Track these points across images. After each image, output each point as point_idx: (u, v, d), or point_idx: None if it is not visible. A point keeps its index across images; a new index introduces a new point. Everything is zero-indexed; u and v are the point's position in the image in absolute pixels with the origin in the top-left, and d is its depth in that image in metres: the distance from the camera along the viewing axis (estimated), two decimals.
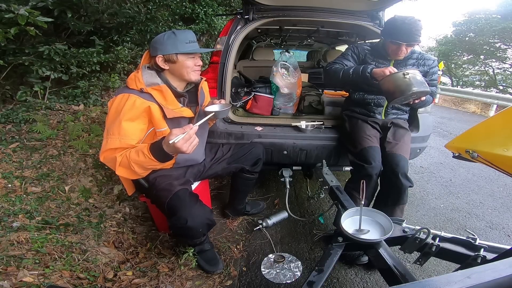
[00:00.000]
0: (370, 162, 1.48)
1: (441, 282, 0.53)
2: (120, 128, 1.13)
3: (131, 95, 1.14)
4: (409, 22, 1.47)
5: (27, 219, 1.52)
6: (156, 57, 1.19)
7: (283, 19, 2.08)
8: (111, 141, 1.13)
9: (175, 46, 1.18)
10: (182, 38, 1.19)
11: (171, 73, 1.24)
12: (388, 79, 1.41)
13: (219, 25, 5.26)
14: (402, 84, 1.36)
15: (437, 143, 3.98)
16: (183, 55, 1.20)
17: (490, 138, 1.04)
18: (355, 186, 1.50)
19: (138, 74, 1.19)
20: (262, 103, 2.18)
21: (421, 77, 1.40)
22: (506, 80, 13.65)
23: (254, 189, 2.32)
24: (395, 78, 1.38)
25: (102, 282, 1.28)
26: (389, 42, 1.56)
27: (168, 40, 1.18)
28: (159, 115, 1.19)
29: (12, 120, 2.29)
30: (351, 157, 1.64)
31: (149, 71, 1.22)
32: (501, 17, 12.07)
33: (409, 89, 1.35)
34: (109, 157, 1.16)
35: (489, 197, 2.45)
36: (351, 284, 1.43)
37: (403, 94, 1.37)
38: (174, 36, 1.18)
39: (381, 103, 1.72)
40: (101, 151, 1.17)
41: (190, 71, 1.24)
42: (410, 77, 1.35)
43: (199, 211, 1.25)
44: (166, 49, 1.18)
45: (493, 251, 1.01)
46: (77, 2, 2.66)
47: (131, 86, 1.18)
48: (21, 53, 2.35)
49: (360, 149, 1.57)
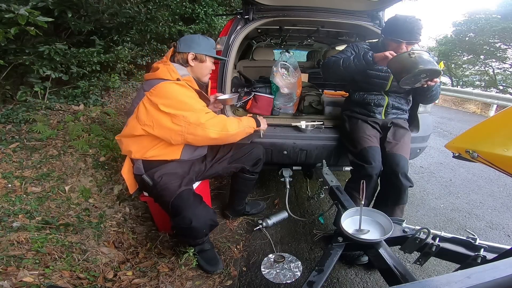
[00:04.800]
0: (370, 162, 1.48)
1: (441, 282, 0.53)
2: (193, 97, 1.27)
3: (173, 81, 1.23)
4: (410, 21, 1.48)
5: (27, 219, 1.52)
6: (188, 53, 1.30)
7: (283, 19, 2.08)
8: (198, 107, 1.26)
9: (207, 48, 1.33)
10: (212, 44, 1.37)
11: (192, 70, 1.35)
12: (395, 59, 1.44)
13: (219, 25, 5.26)
14: (408, 63, 1.37)
15: (437, 143, 3.98)
16: (210, 58, 1.37)
17: (490, 138, 1.04)
18: (355, 186, 1.49)
19: (170, 67, 1.27)
20: (262, 103, 2.17)
21: (428, 56, 1.40)
22: (506, 80, 13.64)
23: (254, 189, 2.32)
24: (402, 58, 1.41)
25: (102, 282, 1.28)
26: (389, 40, 1.57)
27: (203, 42, 1.33)
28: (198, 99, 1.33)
29: (12, 120, 2.29)
30: (351, 157, 1.64)
31: (177, 64, 1.31)
32: (501, 17, 12.06)
33: (415, 67, 1.35)
34: (213, 120, 1.27)
35: (489, 197, 2.45)
36: (351, 284, 1.43)
37: (409, 72, 1.37)
38: (207, 40, 1.34)
39: (381, 103, 1.71)
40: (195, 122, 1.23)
41: (207, 73, 1.39)
42: (416, 55, 1.37)
43: (203, 211, 1.27)
44: (200, 49, 1.31)
45: (493, 251, 1.01)
46: (77, 2, 2.66)
47: (165, 77, 1.24)
48: (22, 53, 2.34)
49: (360, 149, 1.57)
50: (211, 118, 1.27)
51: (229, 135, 1.33)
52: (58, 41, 2.60)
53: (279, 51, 4.27)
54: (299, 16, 2.08)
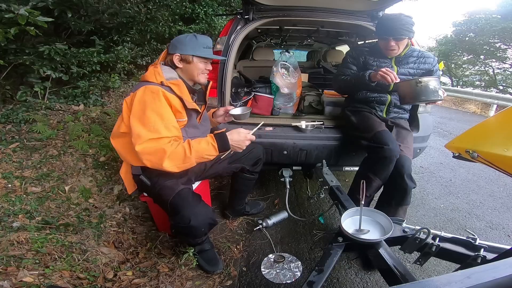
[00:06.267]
0: (387, 144, 1.47)
1: (441, 282, 0.52)
2: (161, 113, 1.15)
3: (155, 86, 1.18)
4: (393, 18, 1.53)
5: (27, 219, 1.52)
6: (174, 55, 1.26)
7: (283, 19, 2.08)
8: (156, 128, 1.12)
9: (194, 48, 1.26)
10: (202, 43, 1.28)
11: (183, 72, 1.31)
12: (402, 84, 1.51)
13: (219, 25, 5.26)
14: (413, 91, 1.46)
15: (437, 143, 3.98)
16: (198, 57, 1.28)
17: (490, 138, 1.04)
18: (372, 167, 1.51)
19: (157, 69, 1.24)
20: (262, 103, 2.18)
21: (435, 85, 1.43)
22: (506, 80, 13.63)
23: (254, 189, 2.32)
24: (409, 84, 1.48)
25: (102, 282, 1.28)
26: (379, 39, 1.62)
27: (189, 41, 1.26)
28: (180, 106, 1.24)
29: (12, 120, 2.29)
30: (366, 142, 1.60)
31: (166, 67, 1.28)
32: (501, 17, 12.05)
33: (418, 97, 1.45)
34: (153, 148, 1.11)
35: (489, 197, 2.45)
36: (351, 284, 1.43)
37: (413, 101, 1.51)
38: (195, 39, 1.27)
39: (383, 101, 1.72)
40: (140, 141, 1.11)
41: (200, 73, 1.32)
42: (423, 86, 1.42)
43: (202, 210, 1.27)
44: (185, 49, 1.26)
45: (493, 251, 1.01)
46: (77, 2, 2.66)
47: (150, 79, 1.22)
48: (22, 53, 2.35)
49: (374, 133, 1.56)
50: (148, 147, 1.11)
51: (165, 169, 1.14)
52: (58, 41, 2.60)
53: (279, 51, 4.27)
54: (299, 16, 2.08)
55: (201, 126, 1.43)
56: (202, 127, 1.43)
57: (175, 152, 1.13)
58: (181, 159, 1.15)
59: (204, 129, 1.46)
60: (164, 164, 1.12)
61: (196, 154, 1.17)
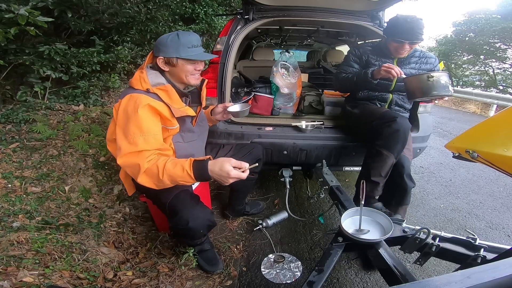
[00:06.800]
0: (396, 117, 1.46)
1: (441, 282, 0.52)
2: (140, 125, 1.08)
3: (139, 95, 1.11)
4: (411, 21, 1.49)
5: (27, 219, 1.52)
6: (158, 58, 1.18)
7: (283, 19, 2.08)
8: (134, 141, 1.07)
9: (176, 49, 1.15)
10: (185, 42, 1.16)
11: (171, 75, 1.23)
12: (411, 79, 1.46)
13: (219, 25, 5.26)
14: (424, 86, 1.41)
15: (437, 143, 3.98)
16: (183, 59, 1.17)
17: (490, 138, 1.04)
18: (385, 143, 1.45)
19: (143, 75, 1.17)
20: (262, 103, 2.18)
21: (446, 80, 1.41)
22: (506, 80, 13.62)
23: (254, 189, 2.32)
24: (420, 80, 1.43)
25: (102, 282, 1.28)
26: (392, 40, 1.57)
27: (171, 42, 1.15)
28: (169, 114, 1.18)
29: (12, 120, 2.29)
30: (375, 123, 1.54)
31: (153, 71, 1.21)
32: (501, 17, 12.05)
33: (429, 92, 1.40)
34: (131, 161, 1.07)
35: (489, 197, 2.45)
36: (351, 284, 1.43)
37: (423, 96, 1.44)
38: (177, 39, 1.15)
39: (385, 99, 1.72)
40: (120, 154, 1.08)
41: (189, 75, 1.22)
42: (434, 80, 1.39)
43: (200, 212, 1.26)
44: (168, 52, 1.16)
45: (493, 251, 1.01)
46: (77, 2, 2.66)
47: (136, 86, 1.15)
48: (22, 53, 2.35)
49: (380, 113, 1.56)
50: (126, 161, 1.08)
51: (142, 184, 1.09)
52: (58, 41, 2.61)
53: (279, 51, 4.27)
54: (299, 16, 2.08)
55: (197, 128, 1.39)
56: (198, 130, 1.40)
57: (150, 170, 1.06)
58: (155, 178, 1.07)
59: (201, 131, 1.44)
60: (139, 179, 1.07)
61: (170, 178, 1.06)
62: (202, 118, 1.47)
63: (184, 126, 1.28)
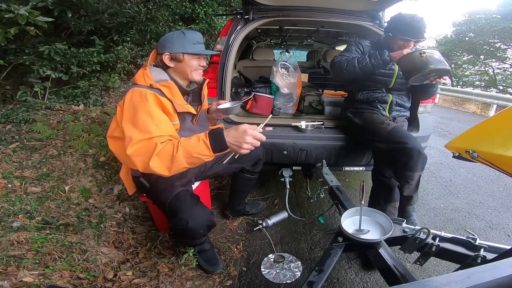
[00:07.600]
0: (408, 139, 1.45)
1: (441, 282, 0.52)
2: (150, 111, 1.08)
3: (143, 89, 1.13)
4: (418, 20, 1.51)
5: (27, 219, 1.52)
6: (163, 54, 1.21)
7: (283, 19, 2.08)
8: (146, 128, 1.05)
9: (182, 45, 1.20)
10: (190, 39, 1.21)
11: (176, 71, 1.26)
12: (405, 58, 1.44)
13: (219, 25, 5.26)
14: (419, 62, 1.38)
15: (437, 143, 3.98)
16: (189, 55, 1.22)
17: (490, 138, 1.03)
18: (397, 171, 1.47)
19: (146, 71, 1.19)
20: (262, 103, 2.18)
21: (439, 55, 1.40)
22: (506, 80, 13.63)
23: (254, 189, 2.32)
24: (413, 57, 1.41)
25: (102, 282, 1.28)
26: (397, 38, 1.57)
27: (177, 39, 1.20)
28: (171, 108, 1.20)
29: (12, 120, 2.29)
30: (383, 145, 1.54)
31: (156, 68, 1.23)
32: (501, 17, 12.06)
33: (426, 67, 1.37)
34: (143, 148, 1.04)
35: (489, 197, 2.45)
36: (351, 284, 1.43)
37: (420, 72, 1.40)
38: (183, 36, 1.20)
39: (385, 100, 1.72)
40: (131, 143, 1.05)
41: (194, 70, 1.26)
42: (428, 55, 1.37)
43: (200, 212, 1.26)
44: (174, 48, 1.20)
45: (493, 251, 1.01)
46: (77, 2, 2.66)
47: (139, 82, 1.17)
48: (22, 53, 2.35)
49: (388, 132, 1.52)
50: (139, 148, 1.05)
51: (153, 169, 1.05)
52: (58, 41, 2.61)
53: (279, 51, 4.27)
54: (299, 16, 2.08)
55: (198, 128, 1.38)
56: (199, 129, 1.38)
57: (163, 151, 1.04)
58: (169, 159, 1.04)
59: (201, 130, 1.40)
60: (151, 162, 1.02)
61: (185, 152, 1.02)
62: (203, 117, 1.47)
63: (185, 125, 1.29)
